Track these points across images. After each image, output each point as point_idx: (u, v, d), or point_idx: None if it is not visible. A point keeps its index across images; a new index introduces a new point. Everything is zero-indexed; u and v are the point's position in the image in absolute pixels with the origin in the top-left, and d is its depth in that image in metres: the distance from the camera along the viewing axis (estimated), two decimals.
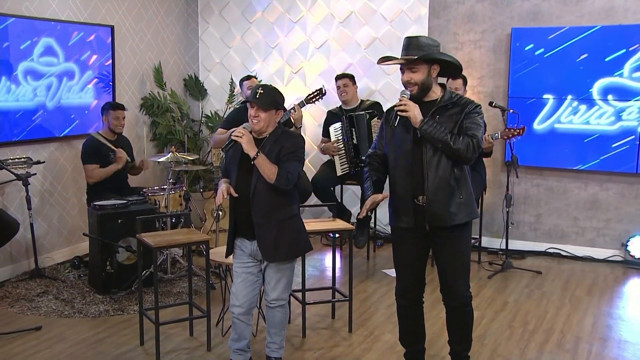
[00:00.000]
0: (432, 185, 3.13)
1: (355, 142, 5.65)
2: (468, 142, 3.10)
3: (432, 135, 3.09)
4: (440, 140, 3.09)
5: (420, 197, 3.17)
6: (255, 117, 3.21)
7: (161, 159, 5.41)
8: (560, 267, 5.70)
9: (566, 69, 5.71)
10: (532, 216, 6.10)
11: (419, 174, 3.15)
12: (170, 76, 7.04)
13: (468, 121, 3.13)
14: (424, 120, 3.10)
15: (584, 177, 5.87)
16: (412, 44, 3.16)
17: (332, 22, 6.72)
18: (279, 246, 3.26)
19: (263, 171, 3.16)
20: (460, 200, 3.16)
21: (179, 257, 5.33)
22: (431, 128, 3.09)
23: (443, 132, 3.08)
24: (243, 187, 3.23)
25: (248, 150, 3.15)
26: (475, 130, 3.12)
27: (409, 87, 3.16)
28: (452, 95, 3.20)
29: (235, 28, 7.18)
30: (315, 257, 5.92)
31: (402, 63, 3.15)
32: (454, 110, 3.15)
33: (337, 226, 4.39)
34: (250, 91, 5.41)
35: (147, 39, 6.67)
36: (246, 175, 3.23)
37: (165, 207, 5.21)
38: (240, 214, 3.27)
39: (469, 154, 3.11)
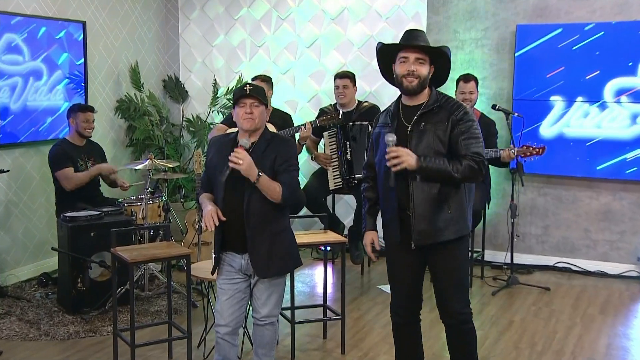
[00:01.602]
0: (417, 199, 3.12)
1: (349, 158, 5.63)
2: (471, 166, 3.07)
3: (434, 178, 3.07)
4: (443, 180, 3.07)
5: (406, 209, 3.17)
6: (249, 114, 3.21)
7: (138, 167, 5.40)
8: (570, 283, 5.71)
9: (576, 69, 5.75)
10: (539, 228, 6.12)
11: (404, 188, 3.14)
12: (148, 77, 7.03)
13: (463, 137, 3.09)
14: (421, 166, 3.05)
15: (595, 185, 5.89)
16: (420, 37, 3.16)
17: (323, 19, 6.73)
18: (272, 260, 3.26)
19: (267, 193, 3.16)
20: (448, 216, 3.13)
21: (158, 272, 5.30)
22: (430, 172, 3.06)
23: (442, 170, 3.05)
24: (233, 198, 3.22)
25: (249, 174, 3.13)
26: (474, 145, 3.10)
27: (407, 78, 3.10)
28: (439, 97, 3.19)
29: (218, 25, 7.19)
30: (305, 272, 5.91)
31: (413, 48, 3.10)
32: (440, 116, 3.13)
33: (329, 239, 4.38)
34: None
35: (123, 37, 6.67)
36: (236, 186, 3.21)
37: (142, 219, 5.17)
38: (230, 226, 3.25)
39: (474, 178, 3.11)
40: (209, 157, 3.37)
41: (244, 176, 3.14)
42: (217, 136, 3.49)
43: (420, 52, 3.12)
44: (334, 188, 5.74)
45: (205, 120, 7.09)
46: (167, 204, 5.40)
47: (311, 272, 5.96)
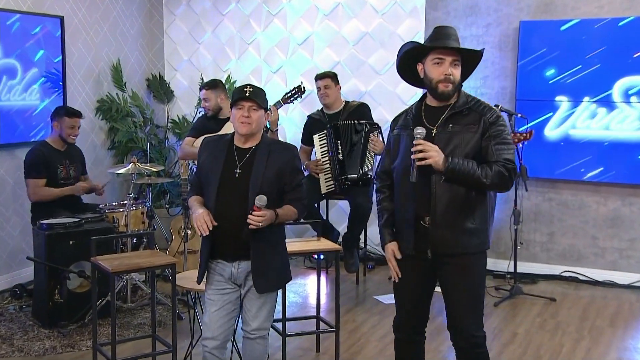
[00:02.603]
0: (441, 204, 3.03)
1: (340, 157, 5.64)
2: (501, 173, 2.99)
3: (462, 182, 2.99)
4: (471, 184, 3.00)
5: (426, 217, 3.08)
6: (246, 118, 3.20)
7: (120, 171, 5.42)
8: (577, 293, 5.71)
9: (582, 68, 5.76)
10: (544, 235, 6.12)
11: (425, 191, 3.06)
12: (131, 75, 7.02)
13: (494, 142, 3.02)
14: (448, 167, 2.96)
15: (603, 190, 5.90)
16: (453, 35, 3.08)
17: (316, 15, 6.74)
18: (269, 273, 3.27)
19: (286, 221, 3.31)
20: (471, 227, 3.06)
21: (141, 283, 5.29)
22: (458, 174, 2.97)
23: (471, 173, 2.97)
24: (227, 203, 3.22)
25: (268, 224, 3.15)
26: (506, 152, 3.02)
27: (444, 84, 3.01)
28: (468, 99, 3.11)
29: (205, 21, 7.19)
30: (298, 281, 5.90)
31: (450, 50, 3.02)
32: (470, 119, 3.05)
33: (322, 246, 4.38)
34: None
35: (104, 33, 6.65)
36: (232, 189, 3.21)
37: (125, 226, 5.17)
38: (221, 232, 3.23)
39: (502, 187, 3.06)
40: (202, 159, 3.35)
41: (240, 178, 3.17)
42: (211, 137, 3.48)
43: (457, 54, 3.05)
44: (326, 192, 5.75)
45: (192, 121, 7.07)
46: (151, 210, 5.40)
47: (304, 281, 5.95)
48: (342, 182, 5.63)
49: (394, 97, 6.49)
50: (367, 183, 5.66)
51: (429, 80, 3.08)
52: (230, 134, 3.37)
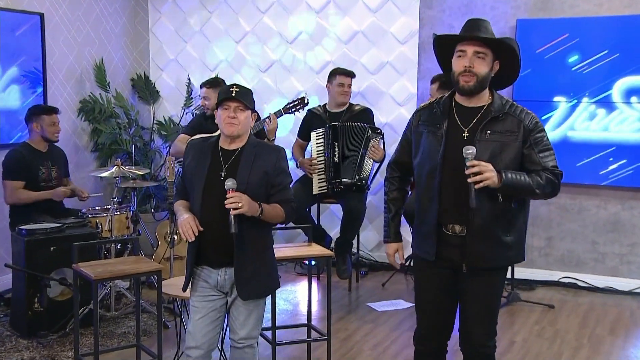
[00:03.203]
0: (476, 215, 2.95)
1: (336, 160, 5.62)
2: (552, 181, 2.97)
3: (515, 191, 2.91)
4: (523, 194, 2.95)
5: (451, 225, 3.03)
6: (232, 119, 3.20)
7: (104, 174, 5.39)
8: (576, 300, 5.72)
9: (582, 68, 5.78)
10: (542, 240, 6.13)
11: (451, 197, 2.98)
12: (115, 75, 7.00)
13: (537, 149, 2.97)
14: (503, 182, 2.86)
15: (603, 193, 5.92)
16: (482, 27, 2.95)
17: (306, 13, 6.74)
18: (255, 280, 3.26)
19: (271, 220, 3.25)
20: (508, 239, 3.02)
21: (125, 290, 5.26)
22: (513, 189, 2.90)
23: (526, 186, 2.91)
24: (213, 207, 3.20)
25: (252, 212, 3.13)
26: (550, 159, 3.00)
27: (464, 77, 2.93)
28: (503, 101, 3.02)
29: (192, 19, 7.18)
30: (288, 288, 5.89)
31: (471, 40, 2.93)
32: (508, 125, 2.97)
33: (314, 252, 4.37)
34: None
35: (86, 31, 6.63)
36: (217, 193, 3.19)
37: (109, 231, 5.16)
38: (207, 238, 3.23)
39: (554, 194, 3.03)
40: (186, 163, 3.35)
41: (224, 181, 3.13)
42: (195, 139, 3.47)
43: (481, 45, 2.93)
44: (318, 192, 5.73)
45: (179, 123, 7.08)
46: (136, 214, 5.39)
47: (294, 288, 5.94)
48: (335, 185, 5.62)
49: (388, 98, 6.49)
50: (362, 190, 5.65)
51: (452, 74, 3.01)
52: (216, 136, 3.36)
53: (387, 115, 6.48)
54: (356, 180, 5.58)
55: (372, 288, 5.96)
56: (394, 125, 6.45)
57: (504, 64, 3.02)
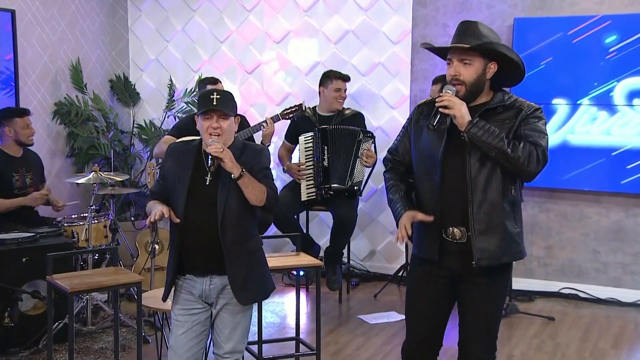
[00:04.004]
0: (481, 211, 2.98)
1: (325, 165, 5.63)
2: (530, 150, 2.95)
3: (483, 141, 2.93)
4: (493, 147, 2.92)
5: (451, 229, 3.05)
6: (215, 129, 3.20)
7: (81, 181, 5.34)
8: (577, 312, 5.72)
9: (581, 68, 5.79)
10: (542, 249, 6.14)
11: (453, 196, 3.02)
12: (93, 76, 6.98)
13: (526, 128, 3.00)
14: (473, 122, 2.94)
15: (605, 200, 5.93)
16: (469, 30, 3.03)
17: (294, 11, 6.74)
18: (249, 284, 3.26)
19: (251, 191, 3.18)
20: (515, 230, 3.04)
21: (103, 303, 5.24)
22: (482, 131, 2.93)
23: (497, 136, 2.93)
24: (198, 210, 3.21)
25: (232, 168, 3.13)
26: (537, 137, 2.99)
27: (454, 84, 3.02)
28: (505, 97, 3.07)
29: (174, 17, 7.16)
30: (276, 300, 5.87)
31: (454, 49, 3.01)
32: (506, 115, 3.03)
33: (302, 262, 4.38)
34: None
35: (61, 29, 6.60)
36: (202, 198, 3.20)
37: (85, 241, 5.12)
38: (190, 244, 3.22)
39: (531, 165, 2.96)
40: (167, 167, 3.34)
41: (212, 184, 3.15)
42: (176, 143, 3.48)
43: (464, 52, 3.00)
44: (306, 199, 5.73)
45: (160, 126, 7.06)
46: (114, 223, 5.35)
47: (282, 300, 5.92)
48: (324, 191, 5.62)
49: (380, 100, 6.50)
50: (353, 196, 5.65)
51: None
52: (198, 139, 3.36)
53: (379, 119, 6.48)
54: (348, 186, 5.58)
55: (364, 299, 5.94)
56: (386, 129, 6.45)
57: (502, 64, 3.05)
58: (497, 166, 2.98)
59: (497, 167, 2.99)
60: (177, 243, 3.25)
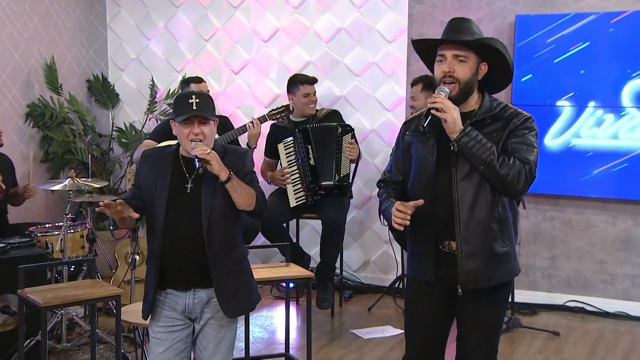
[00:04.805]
0: (467, 230, 2.99)
1: (312, 163, 5.66)
2: (520, 168, 2.94)
3: (472, 153, 2.92)
4: (482, 161, 2.92)
5: (447, 242, 3.06)
6: (197, 135, 3.19)
7: (56, 187, 5.33)
8: (584, 326, 5.71)
9: (588, 69, 5.79)
10: (546, 259, 6.14)
11: (446, 211, 3.01)
12: (69, 76, 6.97)
13: (515, 140, 2.99)
14: (465, 130, 2.92)
15: (612, 207, 5.93)
16: (462, 27, 3.01)
17: (284, 8, 6.74)
18: (236, 296, 3.26)
19: (240, 195, 3.18)
20: (502, 250, 3.04)
21: (80, 318, 5.20)
22: (473, 142, 2.91)
23: (489, 149, 2.91)
24: (181, 219, 3.20)
25: (219, 170, 3.13)
26: (526, 152, 2.98)
27: (445, 82, 2.98)
28: (493, 104, 3.06)
29: (156, 14, 7.16)
30: (263, 313, 5.86)
31: (448, 43, 2.98)
32: (495, 126, 3.01)
33: (292, 273, 4.41)
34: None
35: (34, 25, 6.58)
36: (183, 207, 3.20)
37: (60, 252, 5.08)
38: (173, 255, 3.21)
39: (519, 185, 2.96)
40: (143, 174, 3.33)
41: (194, 190, 3.15)
42: (151, 150, 3.48)
43: (461, 48, 2.98)
44: (295, 205, 5.73)
45: (141, 130, 7.07)
46: (92, 232, 5.35)
47: (270, 313, 5.91)
48: (315, 190, 5.63)
49: (374, 102, 6.49)
50: (344, 192, 5.66)
51: (435, 81, 3.06)
52: (175, 144, 3.35)
53: (373, 121, 6.48)
54: (336, 180, 5.62)
55: (357, 313, 5.93)
56: (380, 132, 6.45)
57: (493, 66, 3.06)
58: (485, 182, 2.98)
59: (485, 184, 2.98)
60: (157, 255, 3.22)
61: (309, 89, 5.82)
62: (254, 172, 3.34)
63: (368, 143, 6.37)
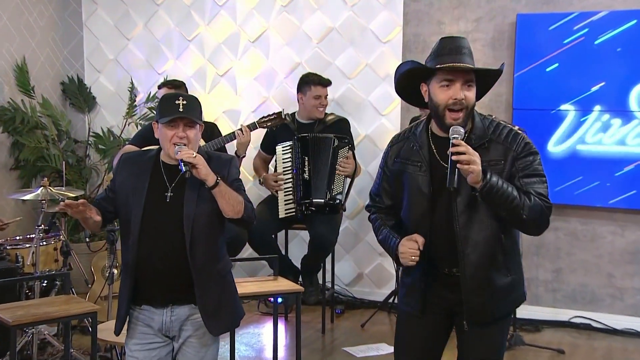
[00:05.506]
0: (471, 265, 2.98)
1: (306, 177, 5.65)
2: (541, 207, 2.92)
3: (496, 202, 2.88)
4: (506, 209, 2.89)
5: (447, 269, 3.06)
6: (182, 139, 3.17)
7: (27, 197, 5.30)
8: (591, 343, 5.70)
9: (593, 71, 5.79)
10: (549, 272, 6.12)
11: (445, 242, 3.01)
12: (41, 78, 6.96)
13: (523, 174, 2.95)
14: (486, 179, 2.83)
15: (620, 217, 5.92)
16: (464, 48, 2.98)
17: (272, 6, 6.75)
18: (221, 312, 3.25)
19: (228, 201, 3.15)
20: (506, 281, 3.04)
21: (52, 337, 5.15)
22: (496, 189, 2.85)
23: (511, 194, 2.87)
24: (156, 232, 3.17)
25: (206, 175, 3.10)
26: (538, 185, 2.95)
27: (453, 109, 2.91)
28: (485, 123, 3.03)
29: (136, 12, 7.16)
30: (250, 330, 5.85)
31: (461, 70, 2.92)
32: (495, 153, 2.97)
33: (281, 287, 4.42)
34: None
35: (3, 24, 6.59)
36: (162, 217, 3.17)
37: (32, 266, 5.07)
38: (151, 269, 3.18)
39: (542, 226, 2.97)
40: (120, 180, 3.30)
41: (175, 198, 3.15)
42: (130, 153, 3.47)
43: (470, 73, 2.96)
44: (284, 216, 5.74)
45: (120, 135, 7.07)
46: (66, 245, 5.30)
47: (257, 330, 5.90)
48: (305, 207, 5.62)
49: (367, 106, 6.49)
50: (336, 210, 5.65)
51: (435, 107, 2.98)
52: (155, 149, 3.34)
53: (366, 127, 6.47)
54: (328, 198, 5.61)
55: (350, 329, 5.92)
56: (374, 137, 6.44)
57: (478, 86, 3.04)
58: (487, 215, 2.96)
59: (488, 217, 2.96)
60: (131, 267, 3.19)
61: (321, 92, 5.83)
62: (240, 179, 3.32)
63: (361, 150, 6.35)
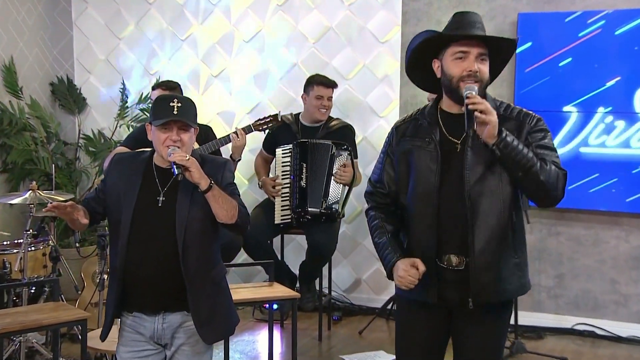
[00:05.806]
0: (481, 239, 2.98)
1: (303, 185, 5.65)
2: (557, 172, 2.94)
3: (512, 158, 2.89)
4: (522, 167, 2.89)
5: (447, 256, 3.03)
6: (175, 143, 3.16)
7: (15, 201, 5.30)
8: (594, 351, 5.69)
9: (597, 71, 5.79)
10: (552, 278, 6.11)
11: (452, 221, 3.00)
12: (30, 79, 6.96)
13: (537, 144, 2.98)
14: (501, 135, 2.87)
15: (624, 222, 5.92)
16: (478, 22, 2.99)
17: (267, 5, 6.75)
18: (214, 320, 3.24)
19: (222, 206, 3.14)
20: (514, 262, 3.04)
21: (40, 345, 5.13)
22: (512, 146, 2.87)
23: (527, 153, 2.89)
24: (146, 238, 3.16)
25: (199, 179, 3.09)
26: (553, 156, 2.98)
27: (467, 82, 2.93)
28: (496, 103, 3.05)
29: (127, 11, 7.16)
30: (245, 338, 5.85)
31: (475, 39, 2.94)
32: (508, 127, 2.96)
33: (276, 293, 4.45)
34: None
35: None
36: (153, 222, 3.17)
37: (20, 272, 5.06)
38: (141, 276, 3.17)
39: (558, 190, 2.96)
40: (110, 181, 3.30)
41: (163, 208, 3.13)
42: (123, 154, 3.45)
43: (484, 46, 2.98)
44: (280, 222, 5.74)
45: (111, 137, 7.09)
46: (55, 250, 5.30)
47: (252, 338, 5.89)
48: (300, 215, 5.63)
49: (365, 107, 6.50)
50: (332, 219, 5.65)
51: (448, 80, 3.00)
52: (148, 151, 3.33)
53: (364, 129, 6.46)
54: (324, 207, 5.60)
55: (347, 337, 5.92)
56: (372, 140, 6.44)
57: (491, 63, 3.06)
58: (501, 186, 2.97)
59: (501, 188, 2.97)
60: (120, 273, 3.19)
61: (324, 92, 5.81)
62: (234, 184, 3.32)
63: (358, 152, 6.29)
